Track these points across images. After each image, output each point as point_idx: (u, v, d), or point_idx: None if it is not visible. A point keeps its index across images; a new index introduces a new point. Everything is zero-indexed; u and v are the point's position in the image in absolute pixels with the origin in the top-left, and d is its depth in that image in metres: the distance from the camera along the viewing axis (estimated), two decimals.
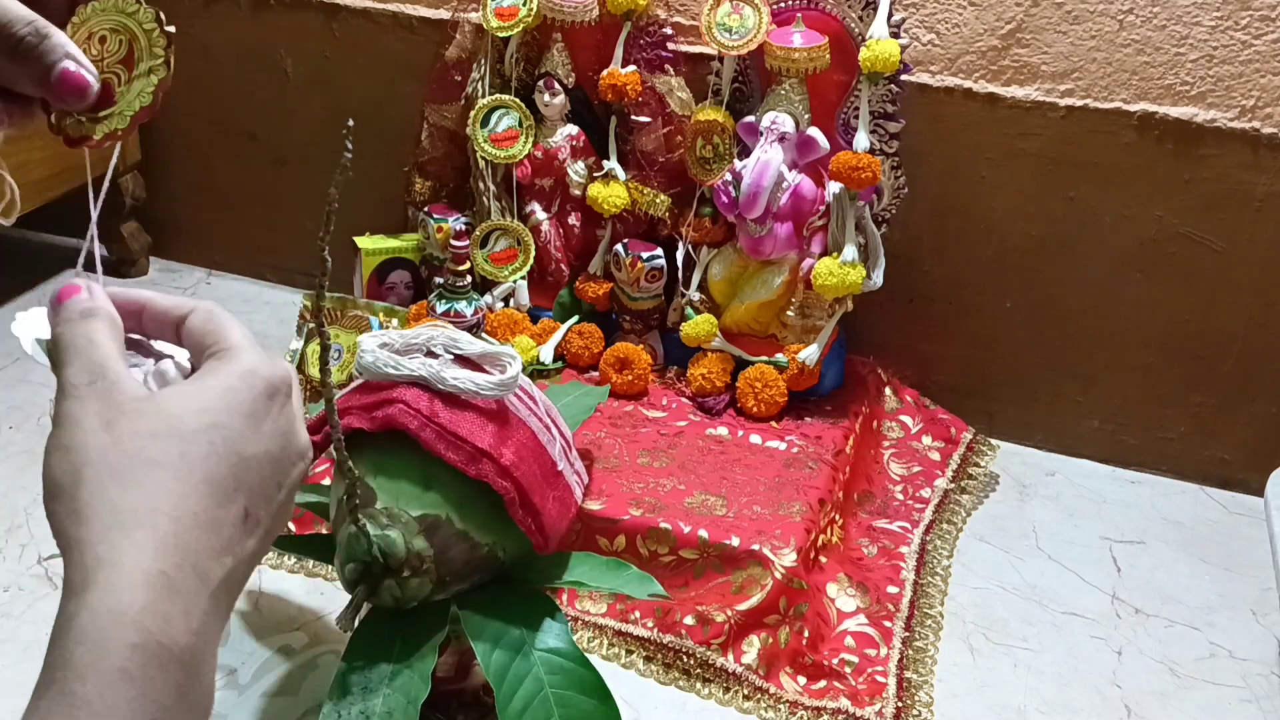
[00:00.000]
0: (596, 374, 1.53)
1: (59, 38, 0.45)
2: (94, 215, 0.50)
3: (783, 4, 1.44)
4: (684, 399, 1.50)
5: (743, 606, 1.16)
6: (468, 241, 1.49)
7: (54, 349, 0.43)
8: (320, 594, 1.23)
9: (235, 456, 0.40)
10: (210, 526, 0.39)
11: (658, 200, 1.52)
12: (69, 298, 0.44)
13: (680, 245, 1.52)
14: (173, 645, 0.37)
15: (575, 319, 1.58)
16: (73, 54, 0.45)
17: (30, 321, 0.51)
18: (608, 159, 1.55)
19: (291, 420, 0.43)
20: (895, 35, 1.38)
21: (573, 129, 1.56)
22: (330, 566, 1.10)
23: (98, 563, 0.37)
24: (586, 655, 0.88)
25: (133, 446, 0.39)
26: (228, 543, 0.40)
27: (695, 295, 1.52)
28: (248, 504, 0.40)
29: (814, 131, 1.41)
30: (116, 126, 0.49)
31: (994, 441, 1.56)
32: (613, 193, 1.52)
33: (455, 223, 1.57)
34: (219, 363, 0.42)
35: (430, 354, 0.89)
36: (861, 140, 1.40)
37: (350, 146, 0.65)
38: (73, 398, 0.40)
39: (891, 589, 1.27)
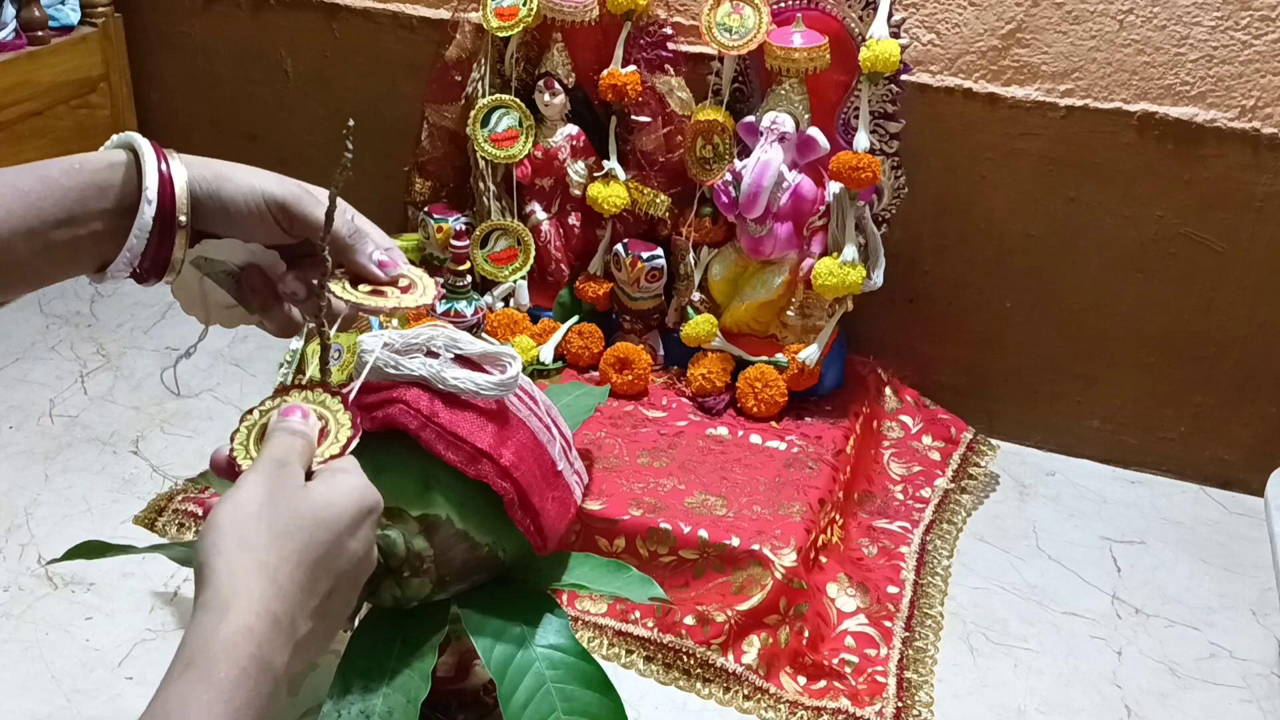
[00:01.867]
0: (596, 374, 1.53)
1: (370, 240, 0.69)
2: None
3: (783, 4, 1.44)
4: (684, 399, 1.50)
5: (743, 606, 1.16)
6: (468, 241, 1.49)
7: (266, 437, 0.60)
8: None
9: (338, 549, 0.55)
10: (309, 592, 0.53)
11: (658, 200, 1.52)
12: (291, 415, 0.61)
13: (689, 249, 1.52)
14: (271, 665, 0.50)
15: (575, 319, 1.58)
16: (382, 245, 0.69)
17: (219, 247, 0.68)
18: (608, 159, 1.55)
19: (373, 536, 0.59)
20: (895, 35, 1.38)
21: (573, 129, 1.56)
22: None
23: (234, 593, 0.50)
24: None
25: (279, 522, 0.54)
26: (315, 609, 0.54)
27: (695, 295, 1.52)
28: (334, 585, 0.55)
29: (814, 131, 1.41)
30: (394, 310, 0.69)
31: (994, 441, 1.56)
32: (613, 193, 1.52)
33: (455, 223, 1.57)
34: (340, 476, 0.59)
35: (430, 354, 0.89)
36: (861, 140, 1.40)
37: (350, 146, 0.65)
38: (260, 472, 0.56)
39: (891, 589, 1.27)
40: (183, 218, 0.63)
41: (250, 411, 0.66)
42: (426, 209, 1.61)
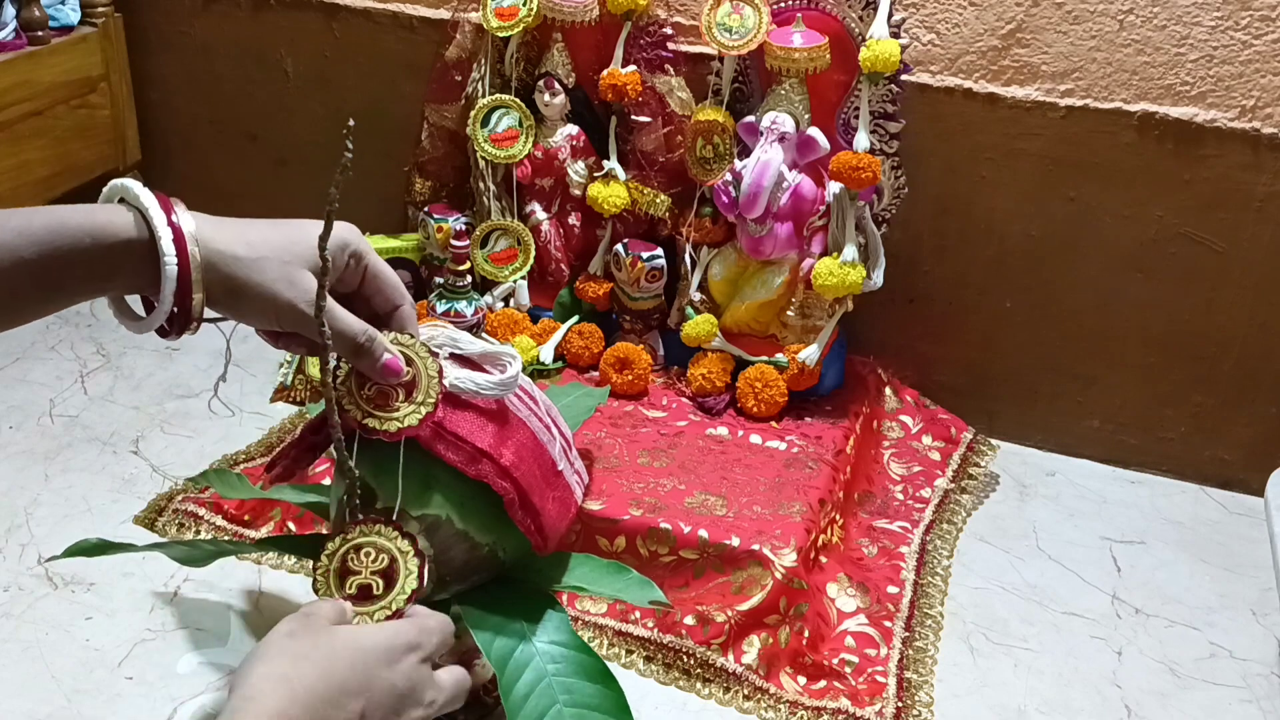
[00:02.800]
0: (596, 374, 1.53)
1: (381, 340, 0.71)
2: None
3: (783, 4, 1.44)
4: (684, 399, 1.50)
5: (743, 606, 1.16)
6: (468, 241, 1.49)
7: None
8: None
9: (365, 674, 0.60)
10: (333, 705, 0.57)
11: (658, 200, 1.52)
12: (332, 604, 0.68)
13: (686, 248, 1.52)
14: None
15: (575, 319, 1.58)
16: (391, 350, 0.71)
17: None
18: (608, 159, 1.55)
19: (424, 674, 0.64)
20: (895, 35, 1.38)
21: (573, 129, 1.56)
22: None
23: (252, 698, 0.55)
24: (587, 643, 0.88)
25: (301, 647, 0.60)
26: None
27: (695, 295, 1.52)
28: (365, 707, 0.59)
29: (814, 131, 1.41)
30: (388, 428, 0.73)
31: (994, 441, 1.56)
32: (613, 193, 1.52)
33: (455, 223, 1.57)
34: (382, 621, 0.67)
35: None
36: (861, 140, 1.40)
37: (351, 146, 0.65)
38: (288, 619, 0.64)
39: (891, 589, 1.27)
40: (195, 324, 0.67)
41: (323, 553, 0.73)
42: (426, 209, 1.62)
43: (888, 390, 1.56)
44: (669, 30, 1.52)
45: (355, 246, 0.73)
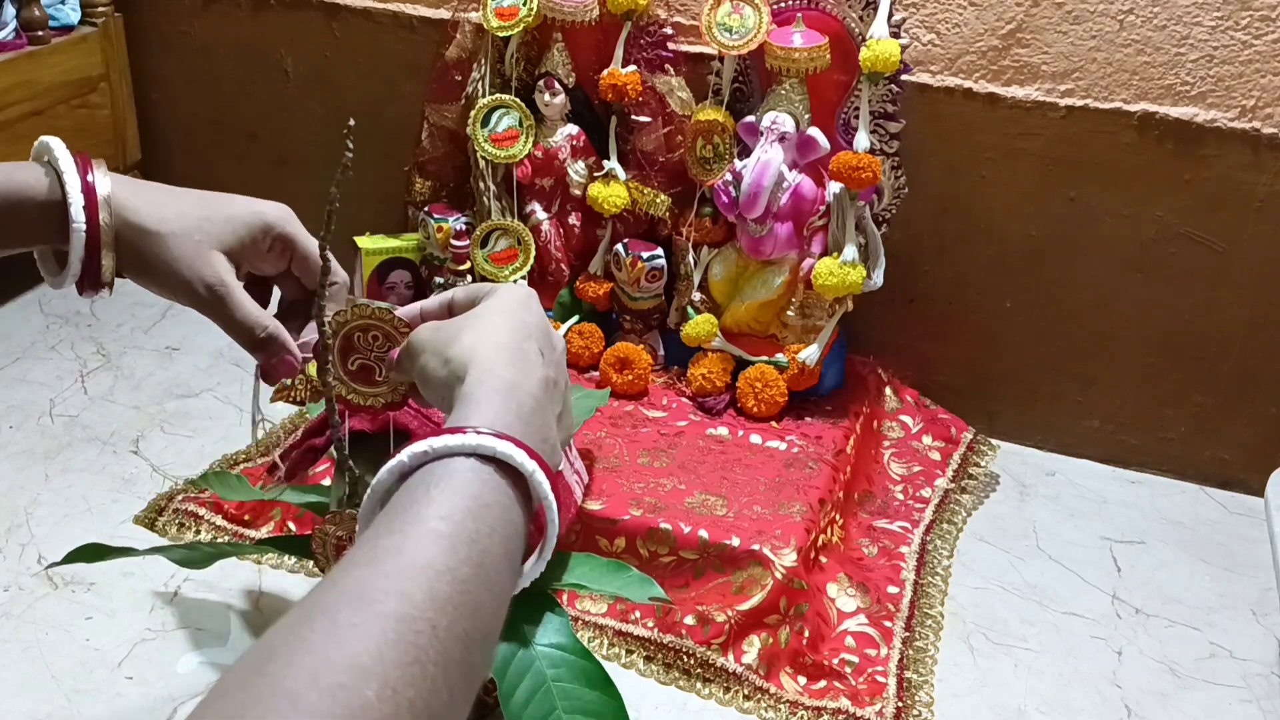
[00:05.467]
0: (596, 374, 1.53)
1: (284, 336, 0.69)
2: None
3: (783, 4, 1.44)
4: (684, 399, 1.50)
5: (743, 606, 1.16)
6: (468, 241, 1.49)
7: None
8: None
9: (520, 322, 0.61)
10: (516, 353, 0.58)
11: (658, 200, 1.52)
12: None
13: (689, 248, 1.52)
14: (498, 452, 0.51)
15: (575, 319, 1.58)
16: (290, 349, 0.70)
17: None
18: (608, 159, 1.54)
19: (544, 315, 0.65)
20: (895, 35, 1.38)
21: (573, 129, 1.56)
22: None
23: (472, 395, 0.55)
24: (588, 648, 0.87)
25: (465, 321, 0.61)
26: (528, 364, 0.58)
27: (695, 295, 1.52)
28: (539, 344, 0.61)
29: (814, 131, 1.41)
30: (373, 404, 0.72)
31: (994, 441, 1.56)
32: (613, 193, 1.52)
33: (455, 223, 1.57)
34: (494, 290, 0.65)
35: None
36: (862, 140, 1.40)
37: (351, 146, 0.65)
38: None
39: (892, 589, 1.27)
40: (107, 287, 0.67)
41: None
42: (426, 209, 1.61)
43: (888, 390, 1.56)
44: (669, 30, 1.52)
45: (280, 229, 0.71)
